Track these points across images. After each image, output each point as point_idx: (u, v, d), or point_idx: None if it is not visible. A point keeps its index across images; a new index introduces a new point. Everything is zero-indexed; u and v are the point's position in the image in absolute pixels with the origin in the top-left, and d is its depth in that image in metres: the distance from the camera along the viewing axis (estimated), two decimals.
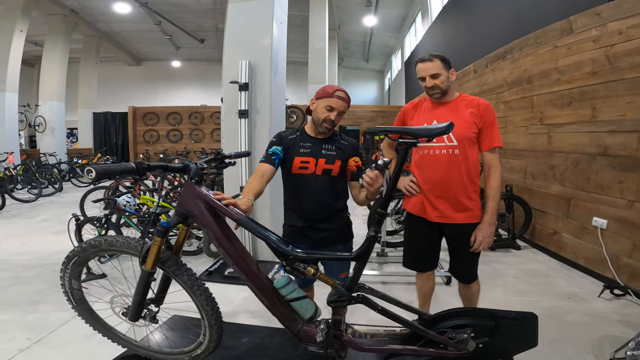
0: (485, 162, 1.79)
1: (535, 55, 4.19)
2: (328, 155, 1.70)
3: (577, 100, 3.49)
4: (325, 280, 1.38)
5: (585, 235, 3.35)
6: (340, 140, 1.77)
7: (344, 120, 13.56)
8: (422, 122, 1.82)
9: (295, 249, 1.37)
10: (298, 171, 1.70)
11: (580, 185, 3.45)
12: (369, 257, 1.38)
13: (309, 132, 1.76)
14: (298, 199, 1.73)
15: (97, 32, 13.70)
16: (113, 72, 17.47)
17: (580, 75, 3.42)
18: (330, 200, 1.72)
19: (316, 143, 1.72)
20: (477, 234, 1.75)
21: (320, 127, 1.68)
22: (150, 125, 13.56)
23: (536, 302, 2.70)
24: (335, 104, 1.64)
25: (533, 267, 3.47)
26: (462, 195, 1.78)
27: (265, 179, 1.61)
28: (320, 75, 9.76)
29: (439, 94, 1.79)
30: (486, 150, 1.78)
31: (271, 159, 1.68)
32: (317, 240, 1.72)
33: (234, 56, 3.49)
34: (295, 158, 1.69)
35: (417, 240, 1.95)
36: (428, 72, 1.76)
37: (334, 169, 1.70)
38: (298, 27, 12.62)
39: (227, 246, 1.37)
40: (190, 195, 1.38)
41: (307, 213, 1.72)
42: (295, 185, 1.72)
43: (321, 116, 1.65)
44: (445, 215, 1.79)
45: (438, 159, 1.78)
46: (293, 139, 1.74)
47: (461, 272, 1.92)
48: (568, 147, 3.64)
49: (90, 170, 1.09)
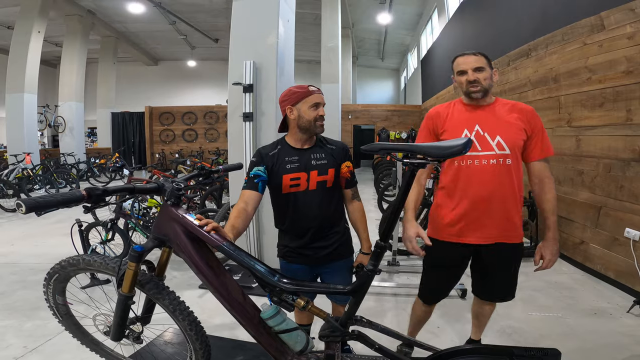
0: (536, 173, 1.58)
1: (563, 53, 3.93)
2: (319, 166, 1.56)
3: (611, 101, 3.24)
4: (317, 313, 1.24)
5: (616, 246, 3.10)
6: (327, 145, 1.63)
7: (359, 119, 13.40)
8: (460, 127, 1.57)
9: (283, 278, 1.22)
10: (289, 190, 1.55)
11: (612, 193, 3.19)
12: (366, 291, 1.21)
13: (292, 143, 1.60)
14: (290, 218, 1.60)
15: (114, 32, 13.92)
16: (131, 72, 17.79)
17: (614, 74, 3.18)
18: (327, 215, 1.59)
19: (303, 154, 1.57)
20: (545, 252, 1.55)
21: (317, 128, 1.55)
22: (166, 125, 13.72)
23: (559, 318, 2.49)
24: (317, 99, 1.53)
25: (557, 279, 3.24)
26: (515, 212, 1.57)
27: (250, 210, 1.47)
28: (334, 74, 9.60)
29: (481, 92, 1.55)
30: (538, 159, 1.58)
31: (254, 183, 1.52)
32: (314, 260, 1.60)
33: (239, 56, 3.37)
34: (283, 177, 1.54)
35: (443, 272, 1.70)
36: (471, 65, 1.54)
37: (329, 179, 1.57)
38: (311, 25, 12.50)
39: (208, 274, 1.24)
40: (166, 217, 1.27)
41: (301, 233, 1.59)
42: (286, 205, 1.58)
43: (311, 117, 1.52)
44: (491, 236, 1.57)
45: (485, 170, 1.53)
46: (275, 154, 1.58)
47: (498, 290, 1.71)
48: (599, 152, 3.38)
49: (20, 204, 0.95)
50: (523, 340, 2.22)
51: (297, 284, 1.22)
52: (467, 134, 1.55)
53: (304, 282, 1.28)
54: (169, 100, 16.13)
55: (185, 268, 3.44)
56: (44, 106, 10.72)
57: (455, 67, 1.61)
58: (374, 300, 2.80)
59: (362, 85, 19.27)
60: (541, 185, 1.58)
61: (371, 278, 1.15)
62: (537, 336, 2.26)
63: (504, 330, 2.32)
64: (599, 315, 2.53)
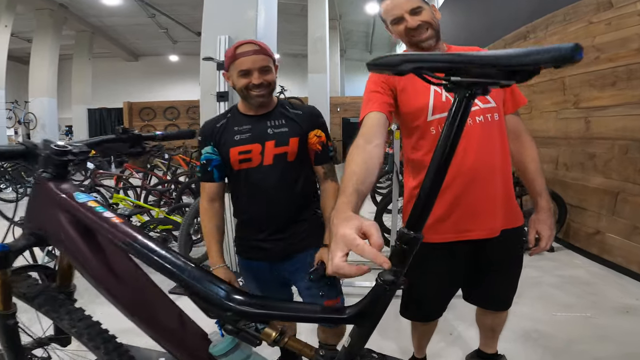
0: (512, 129, 1.25)
1: (565, 34, 3.74)
2: (278, 135, 1.26)
3: (624, 80, 3.04)
4: (301, 350, 0.79)
5: (637, 235, 2.81)
6: (290, 109, 1.30)
7: (348, 112, 13.07)
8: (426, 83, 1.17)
9: (237, 295, 0.70)
10: (240, 166, 1.27)
11: (631, 176, 2.92)
12: (380, 315, 0.69)
13: (243, 109, 1.31)
14: (244, 202, 1.31)
15: (89, 27, 13.32)
16: (109, 68, 17.22)
17: (627, 52, 3.00)
18: (290, 198, 1.26)
19: (257, 122, 1.28)
20: (542, 228, 1.21)
21: (252, 100, 1.22)
22: (147, 120, 13.21)
23: (588, 319, 2.17)
24: (245, 64, 1.18)
25: (573, 273, 2.94)
26: (510, 185, 1.23)
27: (218, 207, 1.31)
28: (321, 64, 9.23)
29: (432, 38, 1.17)
30: (512, 112, 1.26)
31: (208, 172, 1.29)
32: (276, 254, 1.28)
33: (213, 30, 2.96)
34: (230, 150, 1.25)
35: (434, 282, 1.28)
36: (404, 8, 1.16)
37: (290, 151, 1.24)
38: (298, 16, 12.09)
39: (111, 284, 0.82)
40: (43, 200, 0.85)
41: (258, 221, 1.29)
42: (239, 187, 1.30)
43: (241, 86, 1.22)
44: (497, 223, 1.18)
45: (473, 132, 1.12)
46: (223, 125, 1.30)
47: (497, 297, 1.35)
48: (613, 133, 3.14)
49: None
50: (552, 345, 1.88)
51: (263, 304, 0.71)
52: (436, 90, 1.16)
53: (277, 303, 0.76)
54: (150, 96, 15.56)
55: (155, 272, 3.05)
56: (13, 102, 10.08)
57: (385, 15, 1.22)
58: None
59: (351, 78, 18.95)
60: (520, 142, 1.27)
61: (390, 294, 0.65)
62: (568, 341, 1.93)
63: (529, 335, 1.98)
64: (631, 314, 2.21)
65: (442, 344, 1.92)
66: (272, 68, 1.24)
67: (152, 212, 3.53)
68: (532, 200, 1.28)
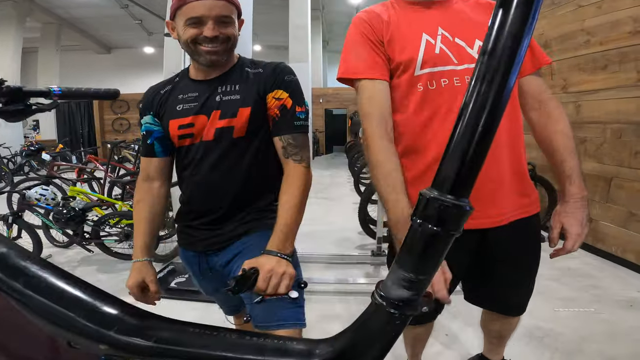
0: (533, 94, 0.99)
1: (553, 17, 3.68)
2: (225, 103, 0.97)
3: (616, 63, 2.98)
4: None
5: (633, 223, 2.69)
6: (249, 69, 1.00)
7: (330, 103, 12.82)
8: (415, 31, 0.95)
9: (129, 317, 0.35)
10: (181, 143, 1.01)
11: (625, 161, 2.81)
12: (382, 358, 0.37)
13: (193, 73, 1.03)
14: (183, 185, 1.06)
15: (56, 18, 12.62)
16: (79, 61, 16.49)
17: (619, 35, 2.94)
18: (234, 183, 0.99)
19: (206, 88, 0.99)
20: (569, 223, 0.93)
21: (201, 57, 0.94)
22: (120, 113, 12.66)
23: (593, 314, 2.00)
24: (197, 9, 0.88)
25: (568, 265, 2.78)
26: (522, 163, 1.00)
27: (157, 187, 1.05)
28: (303, 53, 8.85)
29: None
30: (531, 72, 0.99)
31: (148, 146, 1.04)
32: (211, 245, 1.03)
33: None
34: (169, 123, 1.00)
35: None
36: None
37: (237, 125, 0.96)
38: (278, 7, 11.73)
39: None
40: None
41: (194, 208, 1.05)
42: (179, 165, 1.05)
43: (186, 38, 0.91)
44: (504, 208, 0.96)
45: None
46: (168, 92, 1.03)
47: (506, 299, 1.13)
48: (605, 117, 3.04)
49: None
50: (560, 345, 1.69)
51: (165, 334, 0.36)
52: (429, 40, 0.94)
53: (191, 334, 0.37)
54: (124, 89, 14.50)
55: (115, 270, 2.74)
56: None
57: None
58: (356, 303, 2.20)
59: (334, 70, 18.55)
60: (544, 111, 0.98)
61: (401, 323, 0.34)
62: (577, 339, 1.74)
63: (532, 334, 1.78)
64: (635, 308, 2.06)
65: (437, 347, 1.70)
66: (234, 20, 0.94)
67: (117, 205, 3.20)
68: (559, 186, 1.02)
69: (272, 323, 0.90)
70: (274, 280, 0.80)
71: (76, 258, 3.00)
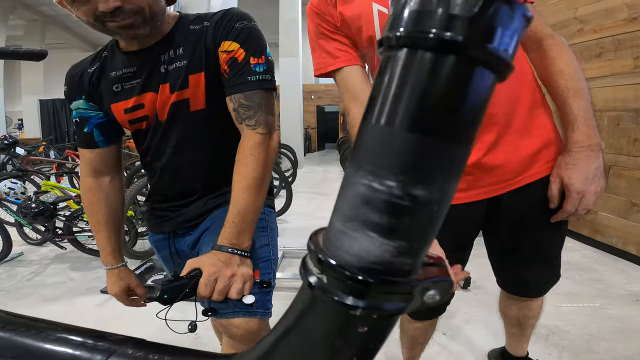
0: (529, 34, 0.88)
1: (545, 7, 3.58)
2: (172, 73, 0.79)
3: (611, 51, 2.92)
4: None
5: (634, 213, 2.59)
6: (193, 27, 0.81)
7: (322, 99, 12.67)
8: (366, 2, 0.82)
9: None
10: (134, 128, 0.87)
11: (624, 148, 2.72)
12: None
13: (125, 45, 0.82)
14: (148, 168, 0.93)
15: (41, 16, 12.32)
16: (65, 59, 15.94)
17: (613, 23, 2.88)
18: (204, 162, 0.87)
19: (145, 58, 0.80)
20: (570, 177, 0.80)
21: (117, 35, 0.75)
22: None
23: (599, 309, 1.88)
24: None
25: (568, 258, 2.67)
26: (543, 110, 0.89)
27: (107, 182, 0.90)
28: (293, 47, 8.70)
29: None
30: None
31: (85, 135, 0.87)
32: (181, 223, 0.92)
33: None
34: (112, 108, 0.84)
35: None
36: None
37: (192, 97, 0.80)
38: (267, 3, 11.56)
39: None
40: None
41: (161, 191, 0.93)
42: (140, 150, 0.91)
43: (85, 19, 0.70)
44: (512, 172, 0.85)
45: None
46: (97, 70, 0.84)
47: (521, 276, 1.02)
48: (602, 105, 2.96)
49: None
50: (568, 344, 1.57)
51: None
52: (380, 10, 0.81)
53: None
54: None
55: (88, 268, 2.60)
56: None
57: None
58: None
59: None
60: (542, 51, 0.87)
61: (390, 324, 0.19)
62: (585, 336, 1.62)
63: (537, 332, 1.64)
64: None
65: (435, 348, 1.57)
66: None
67: None
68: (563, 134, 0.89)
69: (228, 311, 0.75)
70: (220, 284, 0.66)
71: (49, 256, 2.84)
